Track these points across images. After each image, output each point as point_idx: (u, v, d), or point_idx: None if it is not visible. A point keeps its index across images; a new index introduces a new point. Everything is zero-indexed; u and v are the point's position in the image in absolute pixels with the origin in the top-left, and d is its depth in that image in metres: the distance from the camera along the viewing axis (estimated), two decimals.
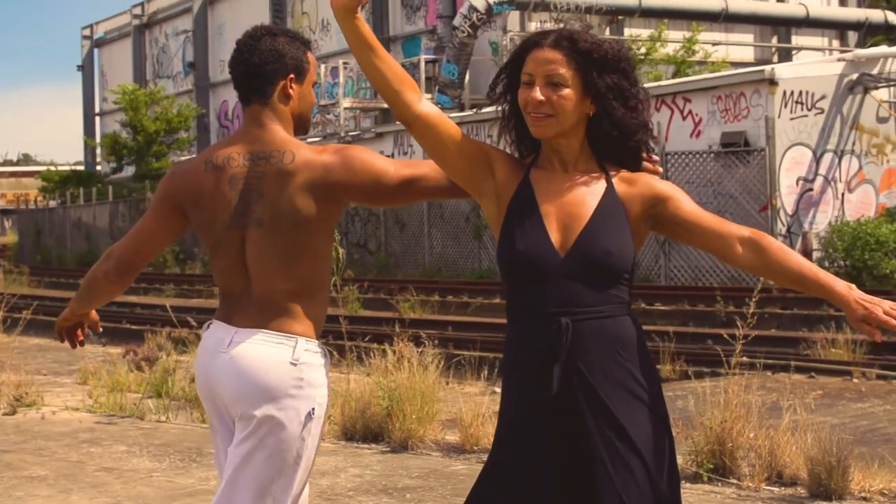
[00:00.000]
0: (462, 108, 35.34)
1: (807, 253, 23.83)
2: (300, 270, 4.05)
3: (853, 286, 3.47)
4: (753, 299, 8.79)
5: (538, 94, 3.62)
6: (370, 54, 3.73)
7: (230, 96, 55.57)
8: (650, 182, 3.70)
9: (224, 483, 4.04)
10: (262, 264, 4.06)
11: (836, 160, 25.78)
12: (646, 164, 3.77)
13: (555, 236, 3.62)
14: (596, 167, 3.71)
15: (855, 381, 12.50)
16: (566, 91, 3.62)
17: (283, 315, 4.04)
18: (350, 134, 37.76)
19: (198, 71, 57.03)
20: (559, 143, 3.68)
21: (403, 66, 3.45)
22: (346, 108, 39.41)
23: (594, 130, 3.69)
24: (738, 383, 8.02)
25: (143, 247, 4.31)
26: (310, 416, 4.02)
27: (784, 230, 24.68)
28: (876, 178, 26.50)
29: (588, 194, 3.65)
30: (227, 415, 4.10)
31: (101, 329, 4.64)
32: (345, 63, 41.18)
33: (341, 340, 10.43)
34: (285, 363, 4.00)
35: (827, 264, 23.49)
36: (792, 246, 23.20)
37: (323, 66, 44.41)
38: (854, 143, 26.06)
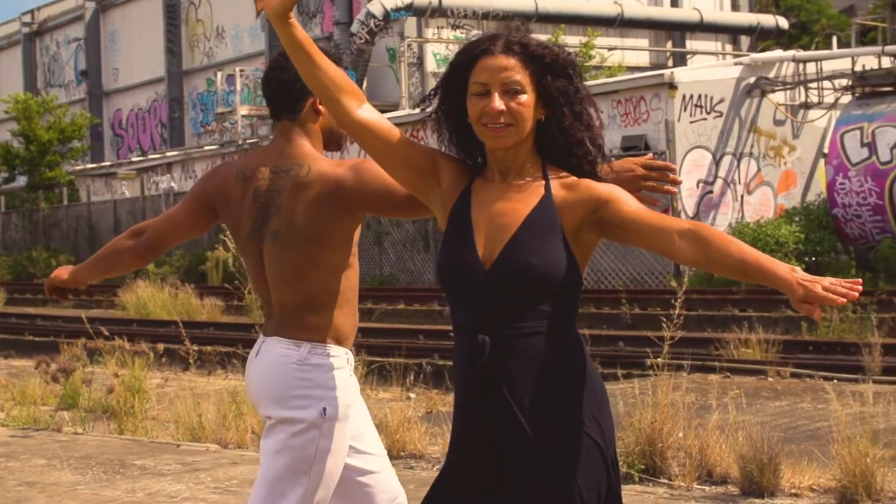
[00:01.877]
0: None
1: None
2: (308, 286, 4.16)
3: (797, 269, 3.29)
4: (679, 301, 8.86)
5: (498, 103, 3.46)
6: (306, 61, 3.62)
7: (124, 104, 54.96)
8: (591, 186, 3.51)
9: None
10: (276, 276, 4.19)
11: (735, 163, 26.11)
12: (645, 172, 3.72)
13: (481, 249, 3.48)
14: (540, 175, 3.55)
15: (770, 379, 12.64)
16: (524, 97, 3.48)
17: (295, 323, 4.18)
18: (248, 141, 37.52)
19: (91, 79, 56.30)
20: (504, 152, 3.53)
21: None
22: (243, 116, 39.24)
23: (543, 137, 3.55)
24: (666, 384, 8.05)
25: (171, 234, 4.51)
26: (321, 416, 4.08)
27: None
28: (774, 179, 26.87)
29: (521, 203, 3.50)
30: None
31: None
32: (241, 70, 40.97)
33: (250, 348, 10.28)
34: (290, 365, 4.13)
35: None
36: None
37: (219, 74, 44.16)
38: (752, 146, 26.41)
